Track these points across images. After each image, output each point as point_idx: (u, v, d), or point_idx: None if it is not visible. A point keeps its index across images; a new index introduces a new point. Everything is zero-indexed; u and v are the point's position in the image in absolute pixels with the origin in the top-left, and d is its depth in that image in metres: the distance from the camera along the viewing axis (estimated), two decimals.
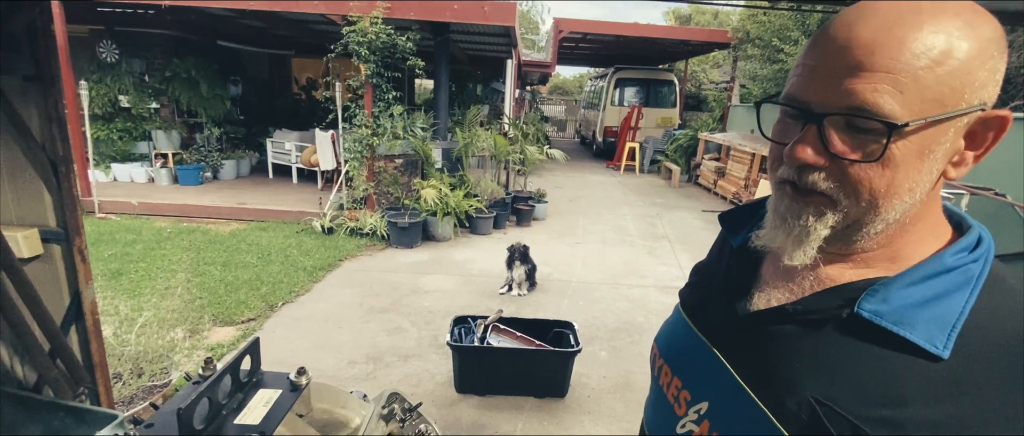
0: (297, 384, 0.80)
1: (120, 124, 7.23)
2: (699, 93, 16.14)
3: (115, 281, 3.96)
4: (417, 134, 5.82)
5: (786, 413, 0.49)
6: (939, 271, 0.47)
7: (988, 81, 0.44)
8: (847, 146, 0.46)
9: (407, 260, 4.94)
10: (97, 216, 5.76)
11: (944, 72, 0.42)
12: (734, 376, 0.55)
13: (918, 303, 0.47)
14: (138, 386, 2.28)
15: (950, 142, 0.45)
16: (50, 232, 1.57)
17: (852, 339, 0.48)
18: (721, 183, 8.64)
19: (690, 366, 0.61)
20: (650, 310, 4.04)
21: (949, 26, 0.42)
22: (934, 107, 0.43)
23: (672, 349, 0.66)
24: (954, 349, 0.44)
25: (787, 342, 0.52)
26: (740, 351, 0.56)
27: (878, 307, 0.47)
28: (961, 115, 0.44)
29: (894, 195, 0.46)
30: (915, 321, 0.46)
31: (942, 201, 0.53)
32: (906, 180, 0.46)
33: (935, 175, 0.47)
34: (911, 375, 0.45)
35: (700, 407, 0.58)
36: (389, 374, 2.96)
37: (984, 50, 0.43)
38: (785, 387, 0.50)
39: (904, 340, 0.46)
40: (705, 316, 0.63)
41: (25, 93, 1.40)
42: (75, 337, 1.70)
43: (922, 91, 0.43)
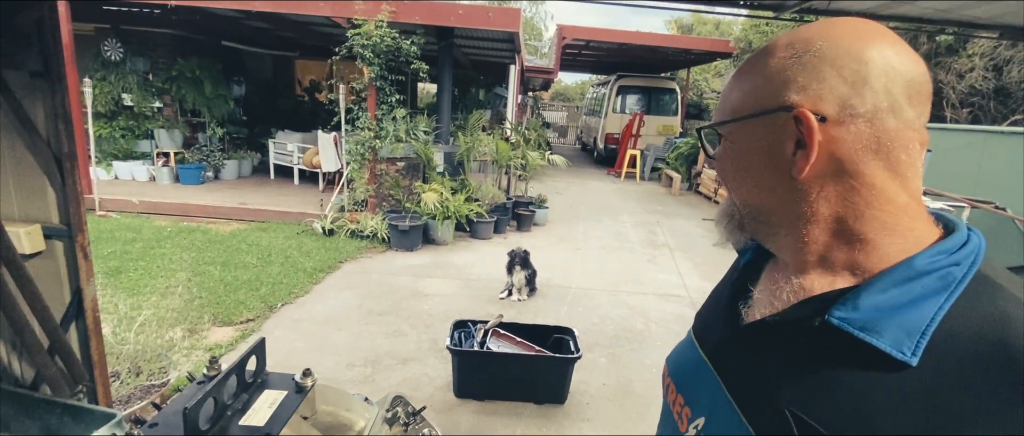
0: (302, 385, 0.80)
1: (123, 122, 7.24)
2: (701, 101, 16.19)
3: (114, 279, 3.95)
4: (419, 137, 5.83)
5: (761, 424, 0.50)
6: (910, 275, 0.47)
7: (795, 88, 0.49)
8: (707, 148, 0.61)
9: (407, 263, 4.93)
10: (98, 214, 5.75)
11: (740, 85, 0.54)
12: (724, 391, 0.56)
13: (888, 309, 0.46)
14: (136, 385, 2.26)
15: (766, 140, 0.52)
16: (53, 228, 1.57)
17: (823, 348, 0.49)
18: (722, 192, 8.62)
19: (692, 383, 0.63)
20: (650, 318, 4.03)
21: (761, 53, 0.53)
22: (732, 113, 0.54)
23: (678, 368, 0.68)
24: (924, 356, 0.44)
25: (766, 354, 0.53)
26: (729, 366, 0.58)
27: (848, 314, 0.47)
28: (751, 116, 0.52)
29: (737, 184, 0.56)
30: (883, 327, 0.45)
31: (933, 209, 0.54)
32: (736, 172, 0.55)
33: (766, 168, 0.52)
34: (879, 384, 0.45)
35: (698, 423, 0.59)
36: (388, 378, 2.94)
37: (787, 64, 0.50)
38: (763, 399, 0.51)
39: (872, 348, 0.45)
40: (708, 334, 0.65)
41: (32, 89, 1.40)
42: (75, 335, 1.69)
43: (727, 104, 0.55)
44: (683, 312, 4.18)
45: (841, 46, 0.48)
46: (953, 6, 2.66)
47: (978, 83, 8.06)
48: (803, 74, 0.49)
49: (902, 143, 0.48)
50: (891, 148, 0.48)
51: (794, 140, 0.50)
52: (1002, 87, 8.09)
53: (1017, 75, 7.63)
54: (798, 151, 0.49)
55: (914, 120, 0.48)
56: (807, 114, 0.48)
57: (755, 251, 0.64)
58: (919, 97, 0.48)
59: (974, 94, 8.33)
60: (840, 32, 0.49)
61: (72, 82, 5.78)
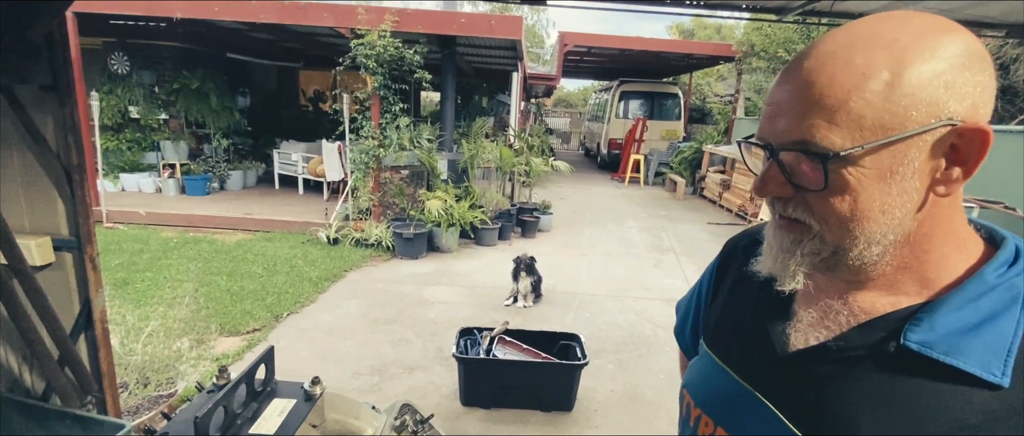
0: (311, 394, 0.80)
1: (129, 135, 7.31)
2: (704, 106, 16.19)
3: (122, 290, 3.97)
4: (423, 145, 5.86)
5: None
6: (983, 291, 0.46)
7: (953, 96, 0.43)
8: (805, 176, 0.48)
9: (412, 271, 4.93)
10: (105, 225, 5.79)
11: (878, 98, 0.43)
12: (784, 422, 0.52)
13: (967, 329, 0.45)
14: (144, 396, 2.27)
15: (919, 161, 0.45)
16: (62, 240, 1.58)
17: (903, 374, 0.46)
18: (726, 196, 8.62)
19: (734, 414, 0.59)
20: (656, 323, 4.00)
21: (880, 55, 0.44)
22: (876, 133, 0.44)
23: (710, 397, 0.63)
24: (1013, 375, 0.43)
25: (835, 382, 0.50)
26: (786, 395, 0.54)
27: (925, 337, 0.46)
28: (915, 135, 0.44)
29: (864, 218, 0.46)
30: (967, 349, 0.44)
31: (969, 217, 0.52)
32: (873, 202, 0.46)
33: (913, 194, 0.45)
34: (970, 407, 0.43)
35: None
36: (394, 386, 2.94)
37: (937, 68, 0.43)
38: (839, 430, 0.48)
39: (958, 371, 0.44)
40: (743, 359, 0.60)
41: (41, 102, 1.42)
42: (84, 345, 1.70)
43: (858, 120, 0.44)
44: None
45: (974, 52, 0.44)
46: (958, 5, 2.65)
47: None
48: (952, 81, 0.43)
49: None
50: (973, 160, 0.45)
51: (945, 156, 0.45)
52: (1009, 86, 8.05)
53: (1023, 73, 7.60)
54: (950, 169, 0.45)
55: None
56: (981, 128, 0.43)
57: None
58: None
59: None
60: (966, 37, 0.44)
61: (80, 95, 5.85)
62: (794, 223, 0.50)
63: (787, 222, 0.51)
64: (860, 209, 0.46)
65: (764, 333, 0.58)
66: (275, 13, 5.60)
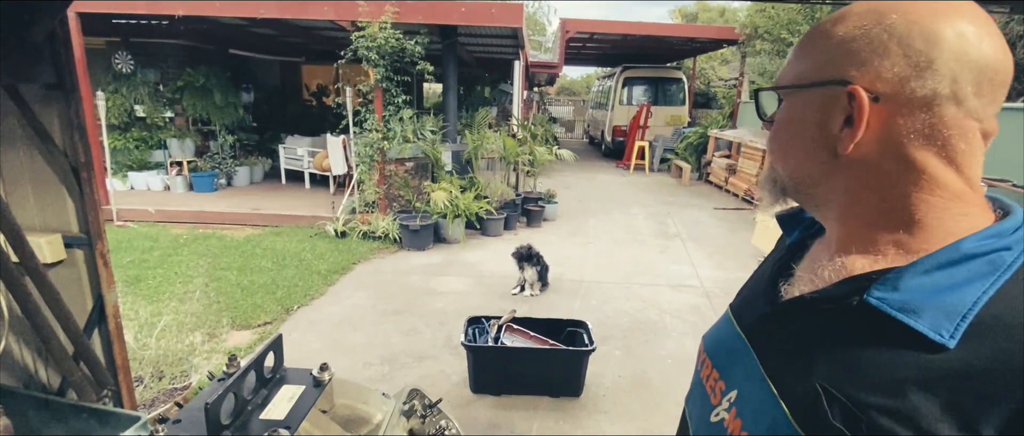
0: (320, 380, 0.81)
1: (136, 133, 7.36)
2: (708, 90, 16.02)
3: (134, 287, 4.03)
4: (427, 137, 5.85)
5: (793, 397, 0.50)
6: (956, 259, 0.46)
7: (855, 62, 0.47)
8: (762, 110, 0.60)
9: (419, 262, 4.96)
10: (115, 224, 5.86)
11: (802, 52, 0.53)
12: (758, 365, 0.57)
13: (930, 291, 0.45)
14: (159, 389, 2.31)
15: (817, 112, 0.51)
16: (73, 237, 1.60)
17: (861, 327, 0.48)
18: (732, 180, 8.56)
19: (727, 358, 0.64)
20: (664, 309, 4.01)
21: (830, 21, 0.51)
22: (789, 80, 0.53)
23: (715, 344, 0.68)
24: (962, 339, 0.43)
25: (804, 330, 0.53)
26: (765, 341, 0.58)
27: (887, 295, 0.47)
28: (808, 86, 0.51)
29: (784, 153, 0.55)
30: (922, 309, 0.45)
31: (992, 195, 0.53)
32: (787, 139, 0.54)
33: (814, 141, 0.51)
34: (913, 363, 0.44)
35: (731, 396, 0.60)
36: (404, 375, 2.97)
37: (852, 34, 0.48)
38: (796, 374, 0.51)
39: (909, 329, 0.45)
40: (745, 310, 0.66)
41: (47, 101, 1.43)
42: (98, 340, 1.73)
43: (790, 67, 0.54)
44: (697, 303, 4.16)
45: (916, 22, 0.45)
46: None
47: None
48: (867, 48, 0.47)
49: (961, 132, 0.46)
50: (948, 137, 0.46)
51: (844, 115, 0.48)
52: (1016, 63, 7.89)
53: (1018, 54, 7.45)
54: (845, 128, 0.49)
55: (978, 109, 0.46)
56: (859, 92, 0.47)
57: (803, 230, 0.65)
58: (990, 86, 0.45)
59: None
60: (920, 6, 0.46)
61: (86, 95, 5.89)
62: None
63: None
64: (779, 142, 0.56)
65: (768, 288, 0.62)
66: (276, 8, 5.59)
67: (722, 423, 0.60)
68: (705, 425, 0.64)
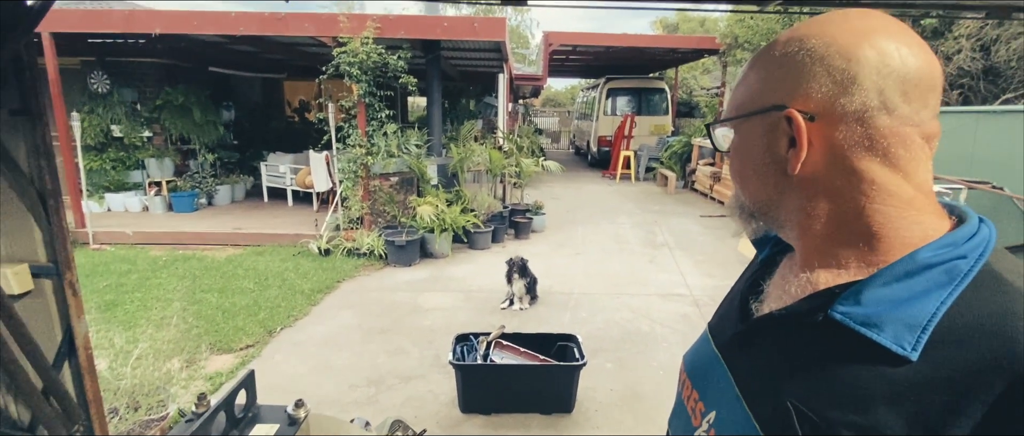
0: (295, 418, 0.77)
1: (113, 154, 7.20)
2: (691, 99, 16.26)
3: (110, 313, 3.90)
4: (412, 151, 5.82)
5: (764, 417, 0.51)
6: (912, 269, 0.47)
7: (788, 89, 0.50)
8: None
9: (406, 278, 4.89)
10: (91, 247, 5.70)
11: (745, 83, 0.55)
12: (732, 384, 0.57)
13: (891, 303, 0.46)
14: (135, 420, 2.22)
15: (763, 138, 0.53)
16: (40, 267, 1.53)
17: (826, 343, 0.49)
18: (717, 188, 8.65)
19: (705, 378, 0.64)
20: (654, 319, 4.00)
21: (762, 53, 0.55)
22: (740, 110, 0.56)
23: (694, 364, 0.69)
24: (924, 350, 0.44)
25: (772, 348, 0.54)
26: (738, 360, 0.59)
27: (850, 309, 0.48)
28: (750, 114, 0.54)
29: (743, 179, 0.57)
30: (884, 322, 0.46)
31: (947, 201, 0.55)
32: (742, 167, 0.56)
33: (766, 165, 0.53)
34: (878, 377, 0.45)
35: (710, 417, 0.60)
36: (391, 397, 2.90)
37: (785, 65, 0.51)
38: (767, 393, 0.52)
39: (874, 343, 0.46)
40: (720, 328, 0.66)
41: (12, 127, 1.38)
42: (68, 373, 1.66)
43: (734, 98, 0.57)
44: (687, 311, 4.16)
45: (834, 44, 0.48)
46: None
47: (966, 64, 8.09)
48: (794, 73, 0.50)
49: (899, 139, 0.48)
50: (887, 145, 0.48)
51: (787, 138, 0.51)
52: (991, 67, 8.14)
53: (1006, 54, 7.68)
54: (791, 149, 0.51)
55: (911, 115, 0.48)
56: (795, 114, 0.49)
57: (772, 247, 0.66)
58: (917, 91, 0.47)
59: (963, 75, 8.37)
60: (836, 29, 0.49)
61: (60, 116, 5.76)
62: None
63: None
64: (735, 169, 0.58)
65: (742, 305, 0.63)
66: (256, 25, 5.55)
67: None
68: None
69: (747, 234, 0.62)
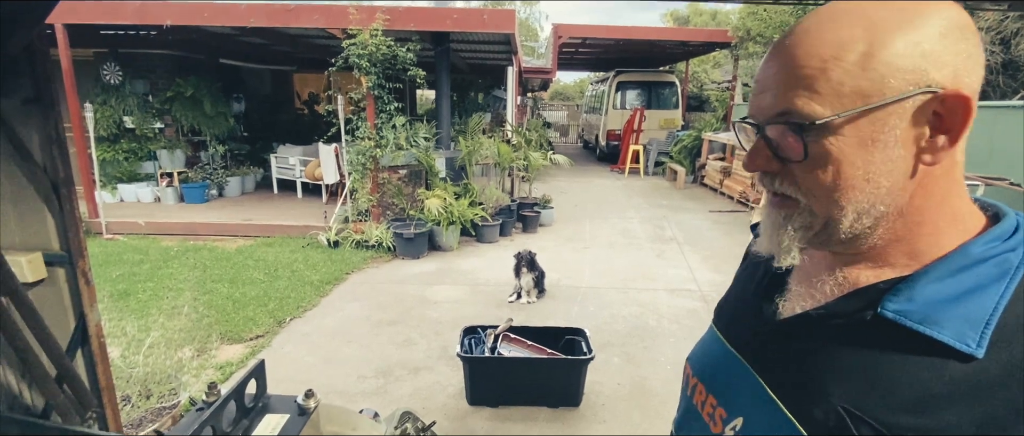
0: (305, 407, 0.77)
1: (125, 145, 7.27)
2: (701, 93, 16.11)
3: (122, 302, 3.96)
4: (420, 144, 5.82)
5: (813, 423, 0.48)
6: (967, 264, 0.45)
7: (932, 65, 0.43)
8: (789, 149, 0.48)
9: (414, 271, 4.91)
10: (105, 237, 5.77)
11: (855, 67, 0.44)
12: (764, 388, 0.54)
13: (947, 300, 0.45)
14: (147, 408, 2.25)
15: (900, 129, 0.44)
16: (53, 255, 1.55)
17: (878, 342, 0.47)
18: (727, 183, 8.58)
19: (723, 382, 0.61)
20: (662, 314, 3.98)
21: (858, 27, 0.44)
22: (855, 100, 0.44)
23: (706, 367, 0.66)
24: (989, 347, 0.42)
25: (813, 349, 0.51)
26: (768, 362, 0.55)
27: (903, 306, 0.46)
28: (893, 102, 0.44)
29: (848, 188, 0.46)
30: (943, 319, 0.44)
31: (974, 195, 0.52)
32: (856, 171, 0.46)
33: (899, 163, 0.45)
34: (941, 377, 0.43)
35: (735, 424, 0.57)
36: (399, 388, 2.92)
37: (915, 38, 0.43)
38: (813, 396, 0.49)
39: (932, 341, 0.44)
40: (736, 330, 0.63)
41: (25, 116, 1.39)
42: (81, 361, 1.68)
43: (837, 88, 0.44)
44: (695, 307, 4.14)
45: (949, 17, 0.44)
46: None
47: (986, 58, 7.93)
48: (916, 56, 0.43)
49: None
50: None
51: (928, 125, 0.44)
52: (1010, 61, 7.95)
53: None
54: (934, 137, 0.44)
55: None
56: (962, 95, 0.43)
57: None
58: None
59: None
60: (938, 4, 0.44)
61: (74, 107, 5.82)
62: (784, 199, 0.51)
63: (778, 198, 0.52)
64: (843, 179, 0.46)
65: (759, 304, 0.60)
66: (265, 17, 5.56)
67: None
68: None
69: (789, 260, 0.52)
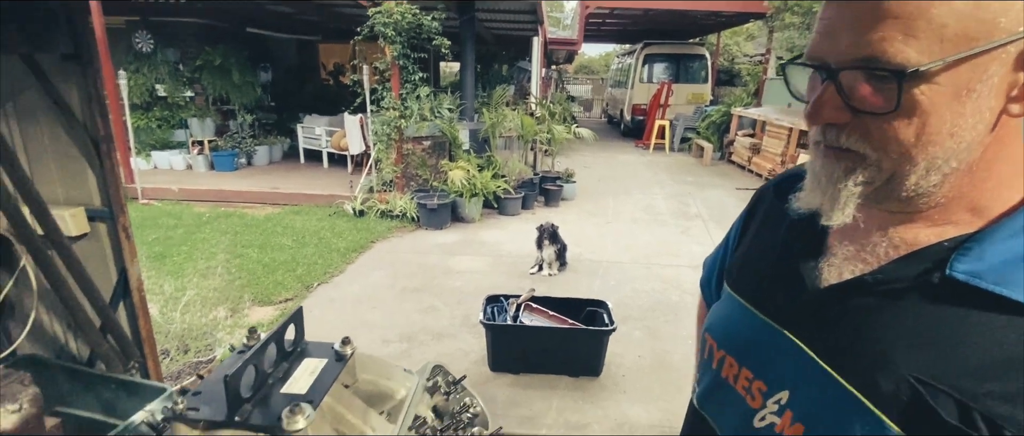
0: (342, 354, 0.78)
1: (158, 113, 7.45)
2: (732, 67, 15.58)
3: (159, 264, 4.11)
4: (444, 115, 5.79)
5: (881, 395, 0.45)
6: None
7: None
8: (867, 99, 0.43)
9: (437, 241, 4.96)
10: (140, 202, 5.97)
11: (965, 5, 0.38)
12: (814, 360, 0.50)
13: (1016, 258, 0.42)
14: (185, 362, 2.35)
15: (998, 76, 0.40)
16: (95, 211, 1.60)
17: (947, 306, 0.44)
18: (756, 160, 8.35)
19: (760, 354, 0.57)
20: (685, 290, 3.94)
21: None
22: (958, 44, 0.39)
23: (734, 338, 0.61)
24: None
25: (871, 316, 0.48)
26: (817, 331, 0.51)
27: (974, 267, 0.43)
28: (997, 47, 0.39)
29: (929, 143, 0.42)
30: (1015, 278, 0.41)
31: None
32: (943, 125, 0.42)
33: (987, 114, 0.41)
34: (1018, 337, 0.40)
35: (779, 397, 0.54)
36: (423, 353, 2.98)
37: None
38: (876, 366, 0.46)
39: (1007, 300, 0.41)
40: (768, 298, 0.58)
41: (65, 73, 1.41)
42: (123, 313, 1.75)
43: (939, 30, 0.39)
44: None
45: None
46: None
47: None
48: None
49: None
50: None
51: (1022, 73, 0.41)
52: None
53: None
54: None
55: None
56: None
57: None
58: None
59: None
60: None
61: (108, 74, 5.95)
62: (846, 152, 0.46)
63: (837, 151, 0.47)
64: (927, 133, 0.42)
65: (794, 270, 0.55)
66: None
67: (772, 428, 0.54)
68: (747, 431, 0.57)
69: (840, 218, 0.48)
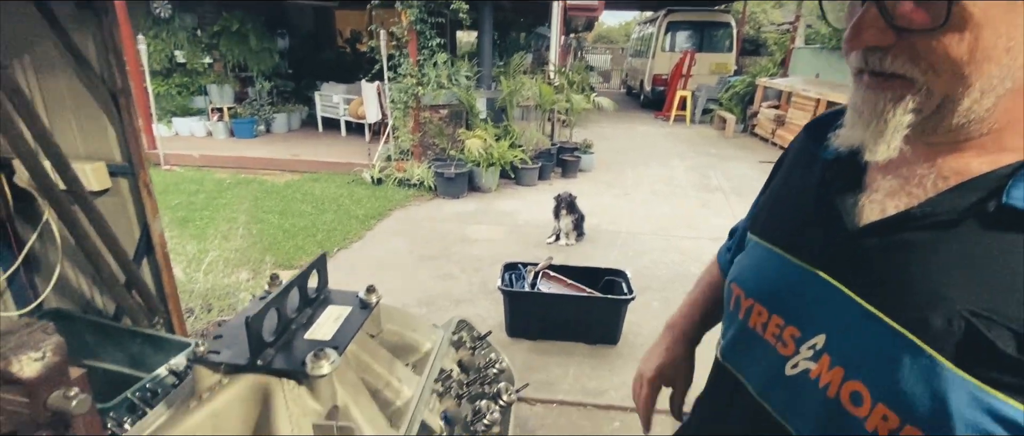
0: (367, 302, 0.76)
1: (177, 79, 7.47)
2: (758, 36, 15.01)
3: (182, 228, 4.17)
4: (461, 83, 5.70)
5: (933, 332, 0.42)
6: None
7: None
8: (912, 15, 0.40)
9: (454, 210, 4.94)
10: (162, 168, 6.05)
11: None
12: (855, 300, 0.48)
13: None
14: (208, 320, 2.39)
15: None
16: (116, 166, 1.60)
17: (1003, 236, 0.41)
18: (780, 132, 8.10)
19: (792, 299, 0.55)
20: (704, 262, 3.82)
21: None
22: None
23: (763, 284, 0.59)
24: None
25: (919, 251, 0.45)
26: (858, 271, 0.49)
27: None
28: None
29: (985, 60, 0.39)
30: None
31: None
32: (998, 39, 0.39)
33: None
34: None
35: (814, 342, 0.51)
36: (442, 317, 2.97)
37: None
38: (927, 302, 0.43)
39: None
40: (801, 241, 0.55)
41: (80, 21, 1.39)
42: (147, 269, 1.77)
43: None
44: None
45: None
46: None
47: None
48: None
49: None
50: None
51: None
52: None
53: None
54: None
55: None
56: None
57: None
58: None
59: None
60: None
61: (127, 40, 5.95)
62: (892, 79, 0.44)
63: (882, 79, 0.44)
64: (982, 48, 0.39)
65: (830, 208, 0.53)
66: None
67: (806, 374, 0.51)
68: (777, 380, 0.54)
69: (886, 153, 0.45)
